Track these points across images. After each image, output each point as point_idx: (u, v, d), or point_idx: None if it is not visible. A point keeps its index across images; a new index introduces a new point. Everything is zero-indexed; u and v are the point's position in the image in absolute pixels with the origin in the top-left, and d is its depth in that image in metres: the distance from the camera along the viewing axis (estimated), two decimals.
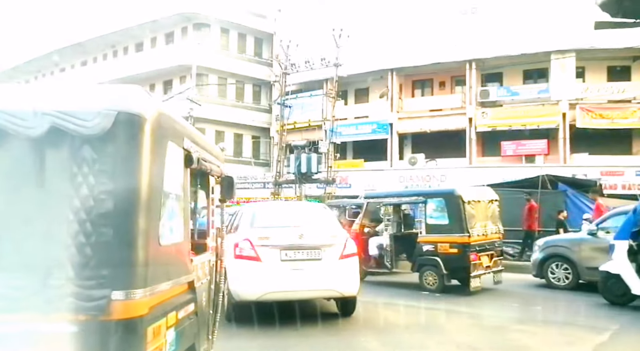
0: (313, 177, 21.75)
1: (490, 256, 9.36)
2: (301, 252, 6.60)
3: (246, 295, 6.46)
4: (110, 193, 2.13)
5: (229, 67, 31.29)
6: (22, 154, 2.15)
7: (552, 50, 22.57)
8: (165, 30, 32.48)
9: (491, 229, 9.59)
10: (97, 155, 2.15)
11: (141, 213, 2.20)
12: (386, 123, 26.55)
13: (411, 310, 7.98)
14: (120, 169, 2.17)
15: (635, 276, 7.55)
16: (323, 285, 6.61)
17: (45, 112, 2.12)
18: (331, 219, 7.54)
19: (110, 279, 2.10)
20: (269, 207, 8.34)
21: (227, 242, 7.00)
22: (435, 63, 25.18)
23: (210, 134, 31.31)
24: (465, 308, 8.04)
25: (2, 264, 2.13)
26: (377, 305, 7.82)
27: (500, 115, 23.95)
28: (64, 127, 2.12)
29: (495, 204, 10.05)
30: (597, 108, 22.17)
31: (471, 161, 24.20)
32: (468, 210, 9.04)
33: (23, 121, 2.12)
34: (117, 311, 2.08)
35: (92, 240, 2.10)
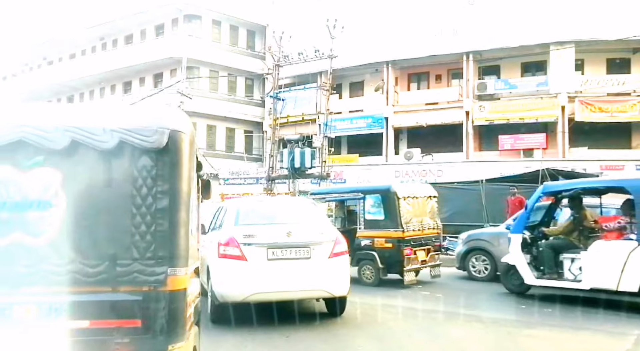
0: (307, 172, 21.23)
1: (427, 251, 9.67)
2: (289, 251, 6.30)
3: (231, 296, 6.15)
4: (164, 193, 2.78)
5: (220, 60, 30.62)
6: (97, 162, 2.75)
7: (551, 42, 22.08)
8: (155, 22, 31.74)
9: (428, 224, 9.85)
10: (154, 163, 2.78)
11: (184, 208, 2.86)
12: (381, 117, 26.02)
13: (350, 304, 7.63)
14: (171, 174, 2.81)
15: (527, 267, 8.06)
16: (312, 285, 6.33)
17: (113, 130, 2.74)
18: (320, 215, 7.25)
19: (167, 259, 2.76)
20: (254, 204, 8.00)
21: (210, 240, 6.73)
22: (432, 55, 24.65)
23: (202, 128, 30.68)
24: (390, 300, 8.26)
25: (82, 251, 2.71)
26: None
27: (498, 109, 23.47)
28: (130, 142, 2.74)
29: (434, 200, 10.31)
30: (597, 102, 21.73)
31: (468, 155, 23.74)
32: (403, 206, 9.35)
33: (97, 136, 2.72)
34: (171, 283, 2.74)
35: (152, 229, 2.75)
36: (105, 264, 2.72)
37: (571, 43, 21.85)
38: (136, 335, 2.70)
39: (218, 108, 30.35)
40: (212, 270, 6.38)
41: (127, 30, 33.00)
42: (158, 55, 29.94)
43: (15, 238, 2.66)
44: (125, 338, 2.69)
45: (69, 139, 2.70)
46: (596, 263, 7.37)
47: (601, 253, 7.35)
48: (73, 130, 2.72)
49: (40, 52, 37.56)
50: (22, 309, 2.65)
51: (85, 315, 2.69)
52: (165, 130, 2.79)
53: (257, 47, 32.67)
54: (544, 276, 7.97)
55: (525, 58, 23.96)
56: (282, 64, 22.89)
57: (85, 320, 2.68)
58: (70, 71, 34.79)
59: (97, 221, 2.75)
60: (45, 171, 2.71)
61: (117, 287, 2.73)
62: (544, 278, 7.96)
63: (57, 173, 2.72)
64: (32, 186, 2.71)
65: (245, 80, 32.61)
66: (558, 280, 7.82)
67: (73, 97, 37.47)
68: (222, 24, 31.57)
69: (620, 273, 7.08)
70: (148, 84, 32.22)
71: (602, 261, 7.31)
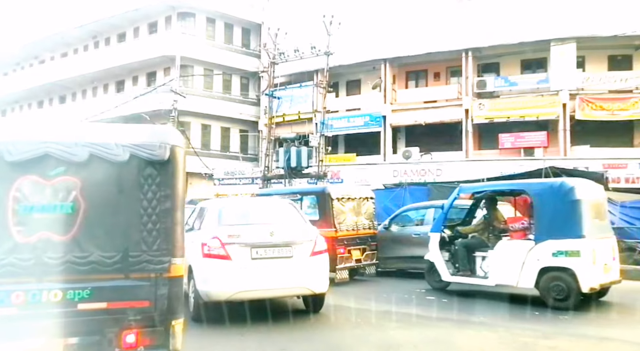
0: (303, 172, 20.76)
1: (362, 250, 10.02)
2: (272, 250, 6.48)
3: (216, 295, 6.31)
4: (167, 197, 3.37)
5: (215, 58, 30.08)
6: (112, 172, 3.28)
7: (551, 39, 21.67)
8: (149, 19, 31.20)
9: (364, 225, 10.23)
10: (158, 172, 3.36)
11: (181, 209, 3.46)
12: (379, 115, 25.53)
13: None
14: (171, 181, 3.39)
15: (444, 265, 8.59)
16: (295, 283, 6.55)
17: (124, 145, 3.32)
18: (300, 215, 7.42)
19: (169, 251, 3.36)
20: (236, 204, 8.30)
21: (191, 240, 6.71)
22: (430, 53, 24.20)
23: (196, 128, 30.16)
24: None
25: (100, 245, 3.25)
26: None
27: (497, 107, 23.02)
28: (139, 155, 3.33)
29: (371, 202, 10.73)
30: (598, 99, 21.32)
31: (468, 154, 23.29)
32: (337, 207, 9.77)
33: (111, 150, 3.29)
34: (172, 271, 3.34)
35: (157, 226, 3.33)
36: (120, 256, 3.26)
37: (572, 39, 21.44)
38: (145, 313, 3.26)
39: (213, 107, 29.80)
40: (196, 270, 6.52)
41: (120, 28, 32.43)
42: (151, 53, 29.37)
43: (43, 235, 3.15)
44: (137, 315, 3.24)
45: (87, 153, 3.23)
46: (500, 262, 7.90)
47: (504, 252, 7.90)
48: (91, 146, 3.26)
49: (31, 50, 36.92)
50: (50, 294, 3.13)
51: (103, 298, 3.23)
52: (167, 146, 3.39)
53: (252, 45, 32.13)
54: (459, 273, 8.48)
55: (525, 55, 23.54)
56: (277, 62, 22.42)
57: (104, 302, 3.22)
58: (62, 70, 34.13)
59: (112, 220, 3.28)
60: (67, 179, 3.20)
61: (129, 274, 3.28)
62: (458, 275, 8.48)
63: (77, 181, 3.23)
64: (56, 192, 3.19)
65: (240, 79, 32.08)
66: (470, 277, 8.36)
67: (65, 97, 36.85)
68: (216, 21, 31.03)
69: (520, 271, 7.58)
70: (141, 83, 31.65)
71: (505, 259, 7.84)
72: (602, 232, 7.86)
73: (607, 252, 7.71)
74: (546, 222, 7.62)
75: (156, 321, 3.29)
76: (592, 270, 7.25)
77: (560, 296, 7.26)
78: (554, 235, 7.46)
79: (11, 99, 39.34)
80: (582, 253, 7.22)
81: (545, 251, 7.43)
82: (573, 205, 7.38)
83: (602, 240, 7.66)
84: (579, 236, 7.27)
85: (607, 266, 7.53)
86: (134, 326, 3.24)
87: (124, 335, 3.24)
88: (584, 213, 7.38)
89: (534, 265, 7.47)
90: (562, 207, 7.48)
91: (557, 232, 7.42)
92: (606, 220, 8.31)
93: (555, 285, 7.32)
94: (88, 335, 3.19)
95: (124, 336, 3.24)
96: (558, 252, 7.36)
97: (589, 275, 7.19)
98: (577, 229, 7.29)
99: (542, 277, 7.42)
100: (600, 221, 7.92)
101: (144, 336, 3.26)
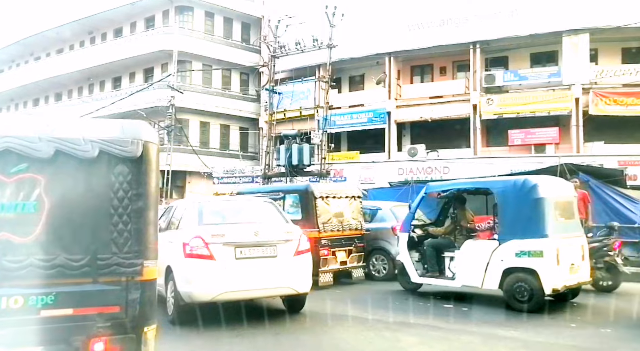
0: (305, 170, 19.96)
1: (348, 252, 9.56)
2: (256, 249, 6.36)
3: (200, 296, 6.15)
4: (139, 196, 3.18)
5: (214, 54, 29.24)
6: (80, 169, 3.09)
7: (563, 30, 20.80)
8: (146, 14, 30.41)
9: (350, 225, 9.76)
10: (130, 169, 3.17)
11: (154, 209, 3.30)
12: (383, 111, 24.66)
13: None
14: (144, 179, 3.22)
15: (413, 265, 8.37)
16: (279, 283, 6.44)
17: (93, 140, 3.12)
18: (282, 214, 7.34)
19: (142, 253, 3.18)
20: (216, 204, 7.97)
21: (169, 240, 6.62)
22: (436, 46, 23.37)
23: (195, 125, 29.36)
24: None
25: (65, 247, 3.03)
26: None
27: (507, 102, 22.16)
28: (109, 151, 3.13)
29: (358, 201, 10.29)
30: (613, 93, 20.45)
31: (476, 151, 22.44)
32: (320, 206, 9.36)
33: (79, 146, 3.08)
34: (145, 274, 3.16)
35: (129, 227, 3.13)
36: (88, 258, 3.02)
37: (585, 31, 20.58)
38: (116, 320, 3.03)
39: (212, 104, 29.00)
40: (177, 271, 6.31)
41: (117, 23, 31.63)
42: (148, 48, 28.55)
43: (2, 236, 2.89)
44: (106, 322, 3.00)
45: (53, 149, 2.98)
46: (466, 262, 7.70)
47: (470, 253, 7.68)
48: (57, 141, 3.01)
49: (26, 47, 36.15)
50: (10, 300, 2.85)
51: (69, 304, 2.98)
52: (139, 141, 3.18)
53: (252, 40, 31.28)
54: (427, 274, 8.30)
55: (535, 48, 22.71)
56: (278, 55, 21.59)
57: (69, 308, 2.97)
58: (58, 67, 33.31)
59: (80, 221, 3.05)
60: (29, 177, 2.95)
61: (97, 279, 3.04)
62: (426, 276, 8.31)
63: (41, 179, 2.97)
64: (17, 190, 2.95)
65: (240, 75, 31.26)
66: (438, 278, 8.17)
67: (61, 94, 36.05)
68: (215, 16, 30.21)
69: (484, 272, 7.37)
70: (138, 80, 30.85)
71: (470, 260, 7.64)
72: (569, 231, 7.59)
73: (575, 252, 7.44)
74: (510, 222, 7.42)
75: (127, 328, 3.09)
76: (555, 271, 7.02)
77: (524, 298, 7.03)
78: (517, 235, 7.26)
79: (6, 97, 38.56)
80: (545, 253, 7.00)
81: (508, 251, 7.24)
82: (536, 203, 7.17)
83: (568, 239, 7.41)
84: (542, 236, 7.05)
85: (574, 266, 7.28)
86: (103, 334, 3.02)
87: (92, 343, 3.02)
88: (548, 212, 7.16)
89: (498, 266, 7.29)
90: (524, 206, 7.27)
91: (521, 232, 7.22)
92: (575, 219, 7.99)
93: (519, 286, 7.11)
94: (52, 344, 2.94)
95: (92, 345, 3.02)
96: (521, 252, 7.17)
97: (552, 276, 6.98)
98: (540, 229, 7.08)
99: (506, 278, 7.21)
100: (567, 220, 7.71)
101: (114, 344, 3.04)
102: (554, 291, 7.00)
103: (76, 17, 31.47)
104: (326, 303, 7.80)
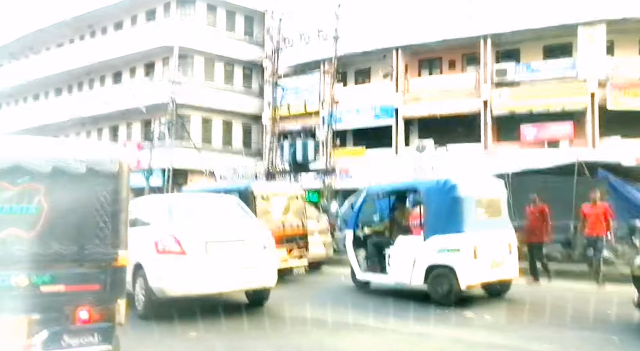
0: (310, 167, 19.34)
1: (289, 249, 9.86)
2: (226, 245, 6.59)
3: (172, 291, 6.38)
4: (115, 202, 4.02)
5: (216, 48, 28.56)
6: (71, 181, 3.88)
7: (579, 22, 20.00)
8: (147, 7, 29.75)
9: (291, 223, 10.07)
10: (109, 182, 4.01)
11: (126, 211, 4.14)
12: (390, 107, 23.90)
13: None
14: (119, 190, 4.05)
15: (356, 262, 8.74)
16: (248, 277, 6.68)
17: (82, 160, 3.92)
18: (247, 212, 7.57)
19: (117, 244, 4.00)
20: (185, 201, 8.19)
21: (139, 237, 6.57)
22: (445, 39, 22.60)
23: (197, 122, 28.71)
24: None
25: (59, 240, 3.85)
26: None
27: (518, 96, 21.39)
28: (95, 168, 3.95)
29: (301, 200, 10.66)
30: (631, 87, 19.64)
31: (486, 147, 21.68)
32: (260, 205, 9.59)
33: (71, 164, 3.88)
34: (119, 261, 3.99)
35: (108, 225, 3.97)
36: (76, 249, 3.89)
37: (602, 22, 19.78)
38: (97, 295, 3.92)
39: (214, 100, 28.29)
40: (148, 267, 6.49)
41: (117, 17, 30.99)
42: (149, 43, 27.86)
43: (12, 231, 3.73)
44: (90, 297, 3.89)
45: (51, 166, 3.80)
46: (397, 259, 8.03)
47: (400, 250, 8.05)
48: (54, 160, 3.84)
49: (26, 42, 35.57)
50: (18, 279, 3.72)
51: (62, 282, 3.86)
52: (117, 161, 4.04)
53: (255, 34, 30.57)
54: (368, 271, 8.69)
55: (548, 41, 21.90)
56: (282, 48, 20.94)
57: (62, 285, 3.85)
58: (58, 62, 32.70)
59: (70, 220, 3.89)
60: (32, 186, 3.77)
61: (83, 264, 3.92)
62: (368, 272, 8.70)
63: (41, 188, 3.78)
64: (22, 196, 3.76)
65: (243, 70, 30.56)
66: (378, 274, 8.51)
67: (61, 89, 35.46)
68: (217, 9, 29.50)
69: (412, 269, 7.70)
70: (139, 75, 30.22)
71: (400, 257, 7.99)
72: (493, 228, 7.81)
73: (499, 248, 7.66)
74: (433, 219, 7.79)
75: (105, 300, 3.92)
76: (472, 267, 7.27)
77: (443, 293, 7.35)
78: (438, 231, 7.59)
79: (6, 93, 38.03)
80: (461, 249, 7.30)
81: (431, 248, 7.59)
82: (454, 201, 7.50)
83: (490, 236, 7.62)
84: (459, 232, 7.36)
85: (495, 262, 7.51)
86: (87, 304, 3.85)
87: (79, 311, 3.84)
88: (466, 210, 7.47)
89: (422, 262, 7.61)
90: (445, 204, 7.61)
91: (441, 229, 7.56)
92: (501, 216, 8.18)
93: (439, 282, 7.43)
94: (49, 312, 3.77)
95: (78, 312, 3.84)
96: (441, 249, 7.51)
97: (468, 272, 7.23)
98: (458, 225, 7.38)
99: (430, 274, 7.53)
100: (491, 217, 7.97)
101: (95, 312, 3.87)
102: (469, 287, 7.32)
103: (76, 12, 30.85)
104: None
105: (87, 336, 3.83)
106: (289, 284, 9.72)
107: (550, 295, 7.95)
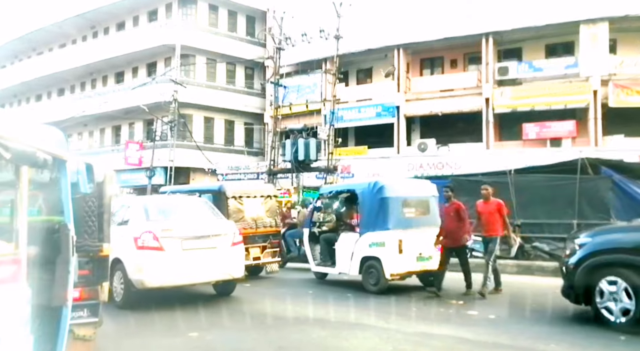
0: (312, 166, 19.28)
1: (262, 248, 10.23)
2: (199, 241, 7.26)
3: (150, 284, 6.99)
4: (101, 205, 4.56)
5: (218, 48, 28.57)
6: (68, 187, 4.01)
7: (581, 20, 19.93)
8: (149, 7, 29.78)
9: (264, 223, 10.45)
10: (97, 188, 4.33)
11: (109, 211, 4.74)
12: (392, 105, 23.88)
13: None
14: (104, 194, 4.58)
15: (311, 256, 9.80)
16: (219, 270, 7.43)
17: (77, 172, 4.18)
18: (216, 212, 8.35)
19: (102, 238, 4.57)
20: (159, 202, 8.85)
21: (119, 234, 7.30)
22: (446, 38, 22.56)
23: (199, 121, 28.74)
24: None
25: None
26: None
27: (521, 95, 21.33)
28: (86, 178, 4.21)
29: (274, 200, 11.23)
30: (634, 85, 19.57)
31: (488, 146, 21.63)
32: (233, 205, 10.00)
33: None
34: (104, 251, 4.57)
35: (95, 223, 4.50)
36: None
37: (604, 20, 19.71)
38: (86, 278, 4.47)
39: (216, 99, 28.32)
40: (128, 261, 7.13)
41: (119, 17, 31.02)
42: (151, 42, 27.87)
43: None
44: (80, 279, 4.22)
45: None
46: (340, 252, 9.03)
47: (342, 244, 9.05)
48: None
49: (29, 42, 35.65)
50: None
51: None
52: (102, 172, 4.44)
53: (257, 33, 30.54)
54: (321, 264, 9.65)
55: (550, 39, 21.85)
56: (283, 47, 20.90)
57: None
58: (60, 62, 32.74)
59: None
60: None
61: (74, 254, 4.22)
62: (320, 265, 9.66)
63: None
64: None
65: (244, 69, 30.57)
66: (328, 267, 9.43)
67: (64, 89, 35.52)
68: (219, 9, 29.51)
69: (350, 261, 8.73)
70: (141, 74, 30.22)
71: (342, 250, 8.98)
72: (421, 225, 8.59)
73: (425, 243, 8.32)
74: (366, 217, 8.82)
75: (92, 283, 4.52)
76: (396, 259, 8.18)
77: (373, 282, 8.37)
78: (370, 228, 8.59)
79: (9, 93, 38.09)
80: (386, 243, 8.24)
81: (364, 242, 8.57)
82: (381, 201, 8.46)
83: (417, 232, 8.41)
84: (385, 228, 8.33)
85: (421, 255, 8.36)
86: (79, 286, 4.26)
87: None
88: (391, 209, 8.40)
89: (358, 255, 8.62)
90: (374, 204, 8.58)
91: (372, 226, 8.56)
92: (430, 214, 8.88)
93: (370, 272, 8.44)
94: None
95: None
96: (372, 243, 8.47)
97: (392, 263, 8.19)
98: (384, 222, 8.35)
99: (363, 266, 8.54)
100: (420, 215, 8.85)
101: (85, 293, 4.45)
102: (392, 276, 8.18)
103: (78, 11, 30.88)
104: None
105: (78, 311, 4.39)
106: (265, 281, 10.16)
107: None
